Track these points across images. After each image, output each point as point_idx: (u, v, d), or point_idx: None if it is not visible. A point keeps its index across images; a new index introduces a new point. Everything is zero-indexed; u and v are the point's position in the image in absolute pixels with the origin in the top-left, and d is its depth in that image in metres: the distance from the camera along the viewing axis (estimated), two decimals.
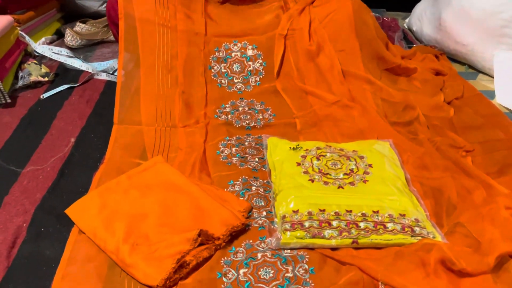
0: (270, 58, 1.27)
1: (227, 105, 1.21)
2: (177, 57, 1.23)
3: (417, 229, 0.78)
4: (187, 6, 1.25)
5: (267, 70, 1.27)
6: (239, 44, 1.28)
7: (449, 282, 0.70)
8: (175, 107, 1.16)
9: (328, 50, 1.23)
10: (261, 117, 1.17)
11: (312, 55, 1.24)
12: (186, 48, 1.24)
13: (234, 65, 1.27)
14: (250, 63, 1.27)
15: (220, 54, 1.27)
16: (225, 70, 1.26)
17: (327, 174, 0.91)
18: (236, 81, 1.26)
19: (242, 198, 0.89)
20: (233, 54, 1.27)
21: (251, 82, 1.26)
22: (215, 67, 1.26)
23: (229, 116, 1.17)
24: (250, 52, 1.27)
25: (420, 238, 0.77)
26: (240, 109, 1.20)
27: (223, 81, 1.25)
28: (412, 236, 0.77)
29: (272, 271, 0.74)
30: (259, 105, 1.21)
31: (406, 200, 0.84)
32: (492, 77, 1.33)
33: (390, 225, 0.79)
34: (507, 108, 1.20)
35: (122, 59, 1.20)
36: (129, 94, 1.17)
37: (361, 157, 0.95)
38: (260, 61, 1.27)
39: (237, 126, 1.14)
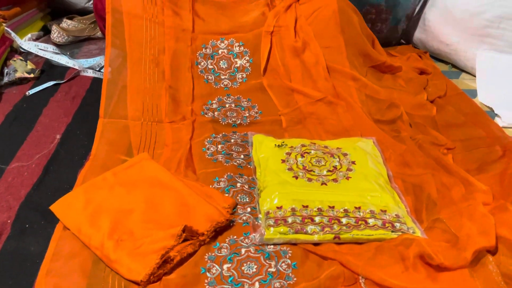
0: (256, 55, 1.28)
1: (214, 102, 1.22)
2: (164, 52, 1.23)
3: (397, 224, 0.80)
4: (174, 3, 1.26)
5: (254, 67, 1.28)
6: (226, 41, 1.29)
7: (428, 276, 0.72)
8: (161, 101, 1.16)
9: (313, 46, 1.25)
10: (247, 114, 1.18)
11: (297, 51, 1.26)
12: (174, 43, 1.24)
13: (221, 61, 1.28)
14: (237, 60, 1.28)
15: (207, 50, 1.28)
16: (212, 67, 1.27)
17: (311, 171, 0.92)
18: (223, 77, 1.27)
19: (227, 195, 0.90)
20: (220, 51, 1.28)
21: (238, 78, 1.27)
22: (202, 63, 1.27)
23: (216, 113, 1.18)
24: (236, 49, 1.28)
25: (400, 233, 0.79)
26: (227, 106, 1.21)
27: (209, 77, 1.26)
28: (392, 232, 0.79)
29: (256, 266, 0.75)
30: (245, 102, 1.22)
31: (388, 196, 0.86)
32: (475, 76, 1.35)
33: (371, 221, 0.80)
34: (488, 107, 1.22)
35: (109, 54, 1.20)
36: (116, 89, 1.16)
37: (345, 154, 0.97)
38: (247, 57, 1.28)
39: (223, 123, 1.15)
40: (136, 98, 1.16)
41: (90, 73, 1.38)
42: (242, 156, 1.02)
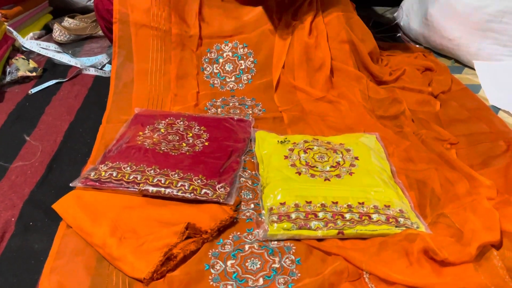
0: (260, 55, 1.28)
1: (218, 100, 1.22)
2: (170, 61, 1.24)
3: (401, 219, 0.80)
4: (181, 9, 1.25)
5: (258, 67, 1.28)
6: (230, 44, 1.28)
7: (432, 271, 0.71)
8: (166, 105, 1.18)
9: (324, 46, 1.24)
10: (250, 112, 1.18)
11: (308, 48, 1.24)
12: (180, 51, 1.25)
13: (226, 65, 1.28)
14: (242, 61, 1.28)
15: (212, 55, 1.28)
16: (217, 71, 1.27)
17: (314, 166, 0.92)
18: (228, 80, 1.27)
19: None
20: (224, 54, 1.28)
21: (243, 80, 1.27)
22: (208, 69, 1.27)
23: (219, 109, 1.18)
24: (241, 51, 1.28)
25: (404, 228, 0.78)
26: (231, 104, 1.21)
27: (215, 81, 1.27)
28: (396, 227, 0.79)
29: (259, 262, 0.75)
30: (249, 101, 1.22)
31: (391, 191, 0.85)
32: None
33: (375, 216, 0.80)
34: (506, 112, 1.16)
35: (115, 66, 1.22)
36: (122, 99, 1.17)
37: (348, 150, 0.97)
38: (251, 59, 1.28)
39: None
40: (141, 106, 1.17)
41: (92, 72, 1.38)
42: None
